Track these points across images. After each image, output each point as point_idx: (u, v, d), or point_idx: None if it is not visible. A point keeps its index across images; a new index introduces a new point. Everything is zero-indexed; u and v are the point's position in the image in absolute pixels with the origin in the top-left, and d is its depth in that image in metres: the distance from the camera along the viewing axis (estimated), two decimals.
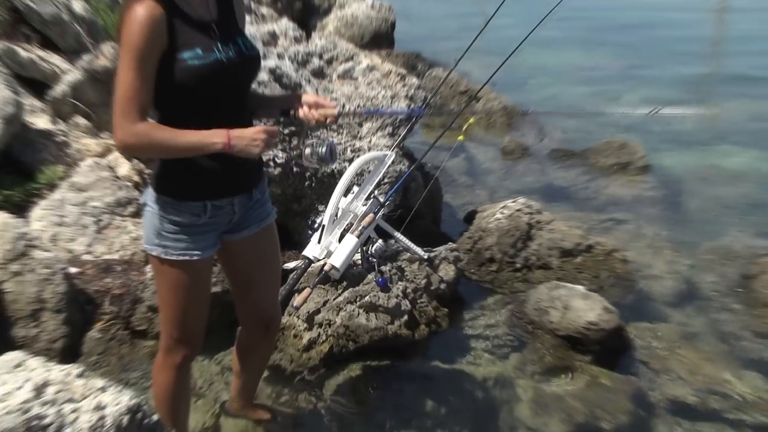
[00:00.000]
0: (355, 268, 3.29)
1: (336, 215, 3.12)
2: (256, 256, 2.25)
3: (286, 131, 3.74)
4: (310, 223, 3.74)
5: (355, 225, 3.04)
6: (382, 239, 3.26)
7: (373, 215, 3.07)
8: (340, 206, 3.14)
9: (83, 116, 4.46)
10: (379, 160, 3.25)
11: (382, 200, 3.18)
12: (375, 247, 3.18)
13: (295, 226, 3.91)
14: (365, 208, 3.11)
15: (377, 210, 3.12)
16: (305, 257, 3.08)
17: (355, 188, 3.24)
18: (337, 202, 3.13)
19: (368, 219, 3.05)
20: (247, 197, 2.11)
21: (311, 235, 3.12)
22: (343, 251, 2.92)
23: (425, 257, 3.50)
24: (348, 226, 3.09)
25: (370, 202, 3.15)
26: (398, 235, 3.41)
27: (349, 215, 3.13)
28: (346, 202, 3.16)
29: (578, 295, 3.36)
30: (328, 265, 2.93)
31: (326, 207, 3.15)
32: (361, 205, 3.15)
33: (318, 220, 3.16)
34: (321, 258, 3.04)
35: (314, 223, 3.21)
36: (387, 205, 3.31)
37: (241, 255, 2.22)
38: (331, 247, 3.02)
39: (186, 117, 1.86)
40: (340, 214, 3.13)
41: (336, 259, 2.90)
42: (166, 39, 1.79)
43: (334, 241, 3.05)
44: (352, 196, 3.19)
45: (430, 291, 3.47)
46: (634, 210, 5.05)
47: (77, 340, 3.12)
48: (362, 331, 3.12)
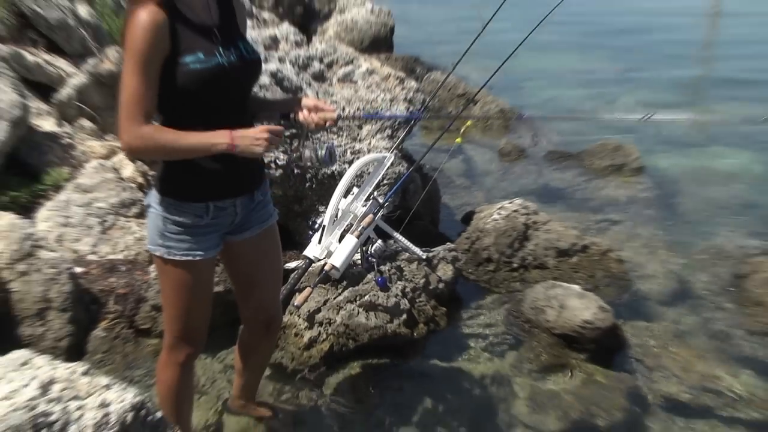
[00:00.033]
0: (355, 268, 3.29)
1: (336, 216, 3.12)
2: (258, 257, 2.25)
3: (287, 134, 3.74)
4: (311, 223, 3.73)
5: (354, 225, 3.04)
6: (382, 239, 3.27)
7: (372, 216, 3.08)
8: (340, 207, 3.14)
9: (88, 119, 4.46)
10: (378, 162, 3.26)
11: (381, 201, 3.18)
12: (374, 248, 3.18)
13: (296, 226, 3.91)
14: (365, 209, 3.11)
15: (377, 211, 3.12)
16: (306, 257, 3.08)
17: (355, 189, 3.24)
18: (338, 203, 3.13)
19: (368, 220, 3.05)
20: (248, 198, 2.11)
21: (312, 236, 3.12)
22: (343, 251, 2.92)
23: (424, 257, 3.50)
24: (348, 226, 3.09)
25: (370, 203, 3.15)
26: (397, 235, 3.41)
27: (349, 216, 3.13)
28: (346, 203, 3.16)
29: (574, 295, 3.36)
30: (329, 264, 2.93)
31: (326, 208, 3.15)
32: (360, 206, 3.15)
33: (318, 221, 3.15)
34: (321, 258, 3.05)
35: (315, 223, 3.20)
36: (386, 206, 3.31)
37: (244, 256, 2.22)
38: (331, 247, 3.02)
39: (188, 120, 1.86)
40: (340, 214, 3.13)
41: (336, 259, 2.91)
42: (169, 43, 1.79)
43: (335, 241, 3.05)
44: (352, 197, 3.19)
45: (428, 290, 3.48)
46: (628, 211, 5.05)
47: (82, 339, 3.13)
48: (362, 330, 3.12)
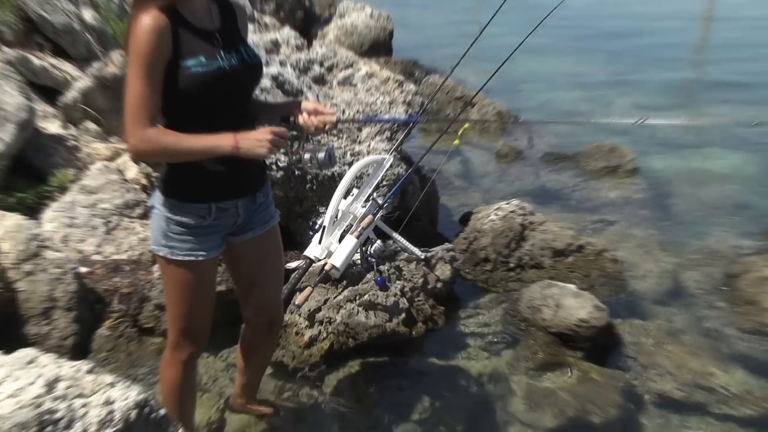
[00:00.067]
0: (355, 268, 3.29)
1: (336, 217, 3.12)
2: (259, 258, 2.25)
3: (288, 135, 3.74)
4: (311, 224, 3.72)
5: (354, 226, 3.04)
6: (381, 240, 3.26)
7: (372, 217, 3.07)
8: (340, 208, 3.14)
9: (93, 121, 4.46)
10: (377, 164, 3.26)
11: (380, 202, 3.18)
12: (374, 248, 3.18)
13: (296, 227, 3.91)
14: (364, 210, 3.11)
15: (376, 212, 3.12)
16: (306, 257, 3.08)
17: (355, 191, 3.24)
18: (338, 204, 3.13)
19: (367, 220, 3.05)
20: (250, 200, 2.11)
21: (312, 236, 3.12)
22: (343, 251, 2.92)
23: (422, 257, 3.50)
24: (348, 227, 3.09)
25: (369, 204, 3.15)
26: (396, 235, 3.41)
27: (349, 217, 3.13)
28: (346, 204, 3.16)
29: (570, 294, 3.36)
30: (329, 264, 2.93)
31: (327, 209, 3.15)
32: (360, 206, 3.15)
33: (319, 222, 3.15)
34: (322, 258, 3.05)
35: (315, 224, 3.20)
36: (385, 206, 3.31)
37: (246, 256, 2.22)
38: (331, 247, 3.02)
39: (191, 123, 1.86)
40: (340, 215, 3.13)
41: (336, 259, 2.90)
42: (171, 47, 1.79)
43: (335, 241, 3.05)
44: (351, 199, 3.19)
45: (427, 290, 3.47)
46: (623, 211, 5.05)
47: (87, 338, 3.12)
48: (361, 329, 3.12)
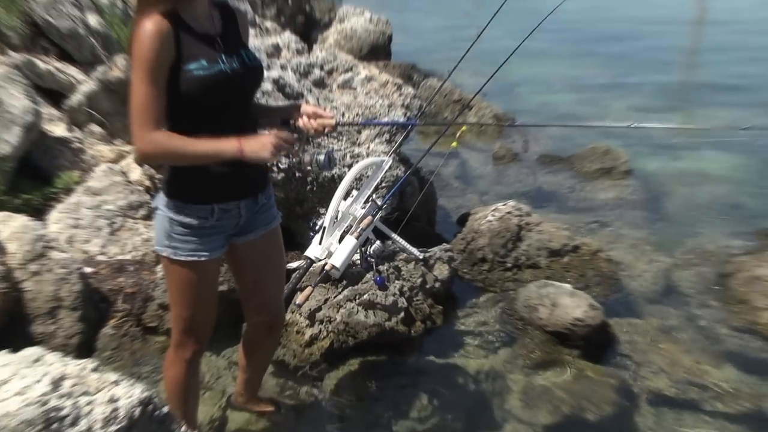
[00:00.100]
0: (355, 268, 3.29)
1: (336, 218, 3.12)
2: (261, 259, 2.25)
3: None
4: (312, 225, 3.73)
5: (354, 227, 3.04)
6: (380, 240, 3.26)
7: (371, 217, 3.07)
8: (340, 209, 3.14)
9: (98, 124, 4.47)
10: (377, 166, 3.26)
11: (379, 203, 3.18)
12: (373, 248, 3.18)
13: (297, 228, 3.91)
14: (364, 211, 3.11)
15: (375, 213, 3.12)
16: (307, 257, 3.08)
17: (354, 192, 3.24)
18: (337, 205, 3.13)
19: (367, 221, 3.05)
20: (252, 201, 2.11)
21: (313, 237, 3.12)
22: (342, 252, 2.91)
23: (421, 257, 3.51)
24: (347, 228, 3.09)
25: (369, 205, 3.15)
26: (395, 236, 3.41)
27: (349, 218, 3.13)
28: (345, 205, 3.16)
29: (565, 293, 3.36)
30: (329, 265, 2.93)
31: (327, 210, 3.15)
32: (360, 208, 3.15)
33: (319, 223, 3.15)
34: (322, 258, 3.04)
35: (315, 225, 3.19)
36: (384, 208, 3.31)
37: (248, 257, 2.22)
38: (331, 247, 3.02)
39: (193, 126, 1.86)
40: (340, 216, 3.13)
41: (336, 259, 2.90)
42: (174, 52, 1.80)
43: (335, 242, 3.05)
44: (351, 200, 3.19)
45: (425, 289, 3.48)
46: (617, 212, 5.05)
47: (92, 337, 3.13)
48: (361, 328, 3.12)
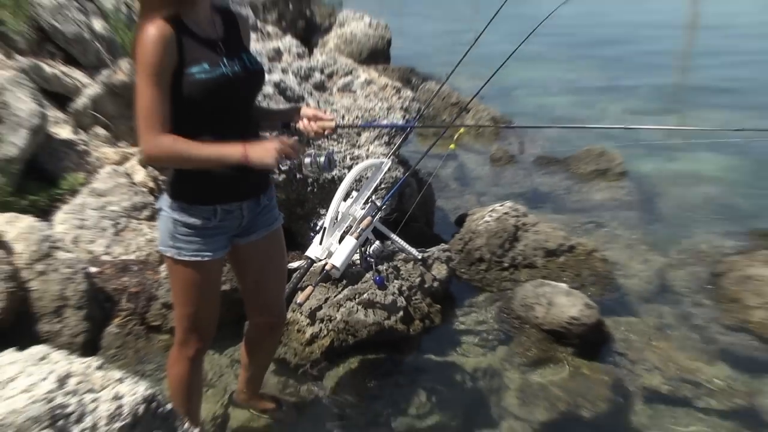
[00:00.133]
0: (354, 268, 3.29)
1: (336, 218, 3.12)
2: (263, 259, 2.25)
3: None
4: (312, 225, 3.74)
5: (354, 227, 3.04)
6: (380, 240, 3.26)
7: (370, 218, 3.07)
8: (340, 210, 3.14)
9: (102, 127, 4.47)
10: (376, 167, 3.26)
11: (379, 204, 3.18)
12: (373, 248, 3.18)
13: (298, 228, 3.91)
14: (363, 212, 3.11)
15: (375, 213, 3.12)
16: (308, 257, 3.08)
17: (354, 193, 3.24)
18: (338, 206, 3.13)
19: (366, 222, 3.05)
20: (255, 202, 2.11)
21: (313, 237, 3.12)
22: (342, 252, 2.92)
23: (419, 257, 3.51)
24: (347, 228, 3.09)
25: (368, 206, 3.14)
26: (394, 236, 3.42)
27: (349, 218, 3.13)
28: (345, 206, 3.16)
29: (561, 292, 3.37)
30: (329, 264, 2.92)
31: (327, 211, 3.15)
32: (359, 208, 3.15)
33: (319, 223, 3.15)
34: (322, 258, 3.04)
35: (316, 225, 3.20)
36: (384, 208, 3.31)
37: (250, 257, 2.22)
38: (331, 248, 3.02)
39: (195, 129, 1.86)
40: (340, 217, 3.13)
41: (336, 259, 2.90)
42: (176, 55, 1.80)
43: (335, 242, 3.05)
44: (351, 201, 3.19)
45: (423, 289, 3.48)
46: (612, 213, 5.06)
47: (97, 335, 3.13)
48: (361, 326, 3.13)
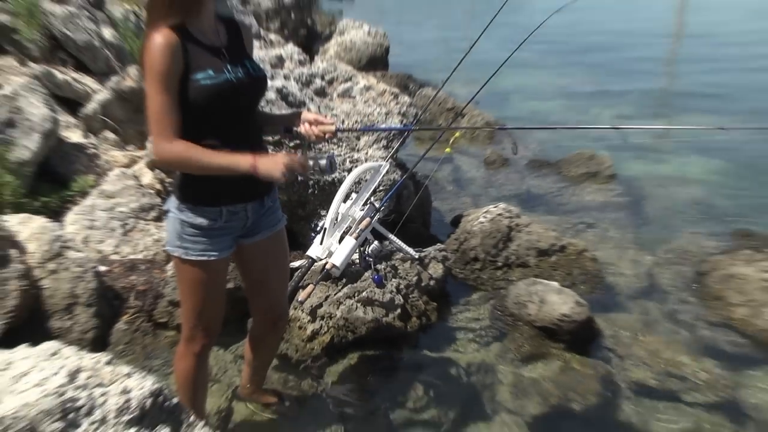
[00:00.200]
0: (354, 267, 3.30)
1: (336, 219, 3.12)
2: (267, 259, 2.25)
3: (291, 144, 3.75)
4: (313, 226, 3.74)
5: (353, 228, 3.04)
6: (378, 241, 3.26)
7: (369, 219, 3.07)
8: (340, 211, 3.14)
9: (112, 131, 4.47)
10: (374, 170, 3.26)
11: (377, 206, 3.18)
12: (371, 248, 3.18)
13: (299, 229, 3.91)
14: (362, 213, 3.11)
15: (373, 214, 3.12)
16: (309, 257, 3.08)
17: (354, 195, 3.24)
18: (338, 207, 3.14)
19: (365, 222, 3.05)
20: (259, 204, 2.11)
21: (314, 237, 3.12)
22: (342, 251, 2.92)
23: (416, 257, 3.51)
24: (347, 229, 3.09)
25: (367, 208, 3.15)
26: (392, 237, 3.42)
27: (348, 219, 3.13)
28: (345, 207, 3.16)
29: (553, 291, 3.37)
30: (329, 264, 2.93)
31: (327, 212, 3.15)
32: (358, 210, 3.15)
33: (320, 224, 3.15)
34: (323, 257, 3.04)
35: (317, 226, 3.20)
36: (382, 210, 3.31)
37: (254, 257, 2.22)
38: (332, 247, 3.02)
39: (200, 133, 1.87)
40: (340, 218, 3.13)
41: (336, 259, 2.90)
42: (182, 63, 1.80)
43: (335, 242, 3.05)
44: (350, 202, 3.19)
45: (420, 287, 3.48)
46: (602, 214, 5.06)
47: (106, 331, 3.13)
48: (360, 323, 3.13)
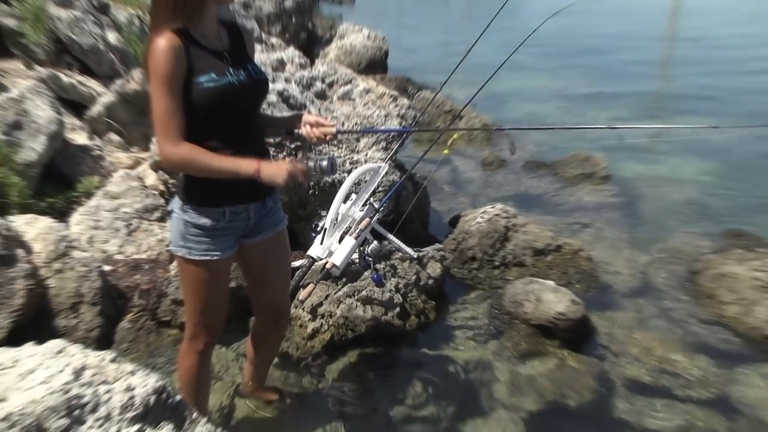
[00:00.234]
0: (354, 266, 3.30)
1: (336, 220, 3.12)
2: (269, 259, 2.25)
3: (292, 146, 3.75)
4: (314, 226, 3.72)
5: (353, 228, 3.04)
6: (377, 240, 3.27)
7: (369, 219, 3.08)
8: (340, 212, 3.14)
9: (116, 133, 4.48)
10: (374, 171, 3.26)
11: (377, 206, 3.18)
12: (371, 248, 3.18)
13: (300, 229, 3.91)
14: (362, 213, 3.11)
15: (373, 215, 3.12)
16: (309, 256, 3.08)
17: (353, 196, 3.24)
18: (338, 208, 3.14)
19: (365, 223, 3.05)
20: (261, 204, 2.12)
21: (315, 237, 3.13)
22: (342, 251, 2.92)
23: (415, 256, 3.51)
24: (347, 229, 3.09)
25: (367, 208, 3.15)
26: (391, 237, 3.42)
27: (348, 219, 3.13)
28: (345, 208, 3.17)
29: (549, 289, 3.38)
30: (330, 263, 2.93)
31: (328, 212, 3.16)
32: (358, 210, 3.15)
33: (320, 224, 3.15)
34: (323, 257, 3.05)
35: (317, 226, 3.20)
36: (381, 210, 3.32)
37: (256, 257, 2.23)
38: (332, 247, 3.02)
39: (203, 135, 1.87)
40: (340, 218, 3.13)
41: (336, 258, 2.91)
42: (186, 66, 1.81)
43: (335, 242, 3.06)
44: (350, 203, 3.19)
45: (419, 286, 3.48)
46: (597, 214, 5.06)
47: (110, 330, 3.13)
48: (359, 322, 3.13)
